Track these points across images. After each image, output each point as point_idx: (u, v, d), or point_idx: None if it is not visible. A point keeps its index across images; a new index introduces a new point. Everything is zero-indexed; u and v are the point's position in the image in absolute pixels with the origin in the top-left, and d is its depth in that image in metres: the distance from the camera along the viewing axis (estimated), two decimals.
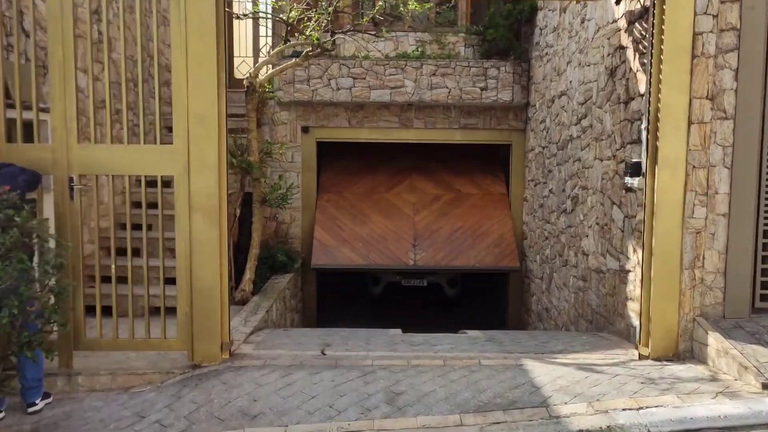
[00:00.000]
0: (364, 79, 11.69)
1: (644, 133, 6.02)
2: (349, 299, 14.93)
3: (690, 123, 5.63)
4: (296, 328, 8.34)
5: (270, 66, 9.58)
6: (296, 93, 11.65)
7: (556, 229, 9.84)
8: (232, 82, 14.67)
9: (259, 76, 8.89)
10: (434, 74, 11.72)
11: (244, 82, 8.59)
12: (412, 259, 11.57)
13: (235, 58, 15.23)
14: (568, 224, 9.12)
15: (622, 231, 6.99)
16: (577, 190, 8.73)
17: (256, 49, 13.13)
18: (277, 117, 11.96)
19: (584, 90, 8.42)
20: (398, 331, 7.70)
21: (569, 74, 9.14)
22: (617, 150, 7.17)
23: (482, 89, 11.76)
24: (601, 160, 7.74)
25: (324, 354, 6.08)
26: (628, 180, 6.27)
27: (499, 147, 12.80)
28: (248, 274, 8.68)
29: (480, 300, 15.17)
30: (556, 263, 9.81)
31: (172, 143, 5.71)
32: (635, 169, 6.16)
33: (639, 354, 5.81)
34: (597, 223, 7.85)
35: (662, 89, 5.61)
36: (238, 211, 8.79)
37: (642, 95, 6.46)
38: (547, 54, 10.50)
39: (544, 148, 10.68)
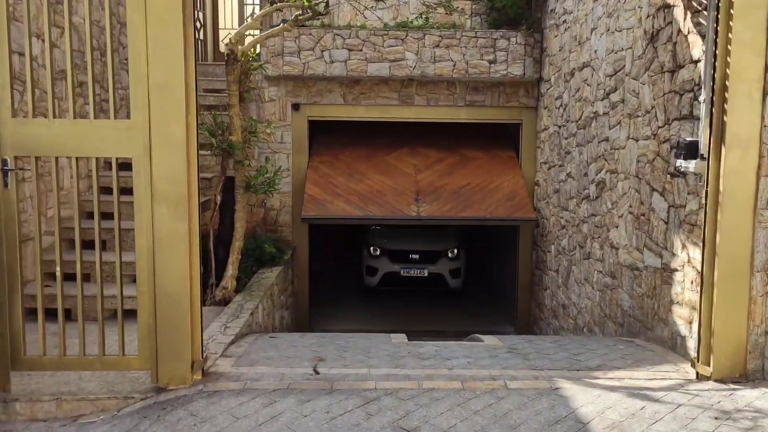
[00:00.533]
0: (361, 50, 10.59)
1: (703, 107, 4.98)
2: (345, 292, 13.92)
3: (766, 93, 4.59)
4: (285, 333, 7.34)
5: (255, 33, 8.47)
6: (286, 66, 10.54)
7: (575, 217, 8.82)
8: (217, 56, 13.54)
9: (243, 44, 7.77)
10: (438, 46, 10.63)
11: (223, 49, 7.48)
12: (415, 211, 10.52)
13: (220, 30, 14.10)
14: (592, 212, 8.10)
15: (666, 223, 5.96)
16: (603, 174, 7.69)
17: (242, 18, 11.99)
18: (265, 93, 10.86)
19: (614, 60, 7.36)
20: (402, 337, 6.69)
21: (594, 43, 8.07)
22: (659, 128, 6.13)
23: (490, 62, 10.68)
24: (637, 140, 6.71)
25: (317, 372, 5.05)
26: (680, 163, 5.24)
27: (508, 127, 11.74)
28: (230, 270, 7.64)
29: (485, 292, 14.18)
30: (575, 255, 8.80)
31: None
32: (690, 150, 5.12)
33: (697, 373, 4.81)
34: (630, 213, 6.83)
35: (732, 51, 4.56)
36: (218, 198, 7.72)
37: (696, 61, 5.41)
38: (565, 22, 9.41)
39: (560, 127, 9.63)
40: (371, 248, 13.36)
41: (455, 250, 13.36)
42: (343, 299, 13.41)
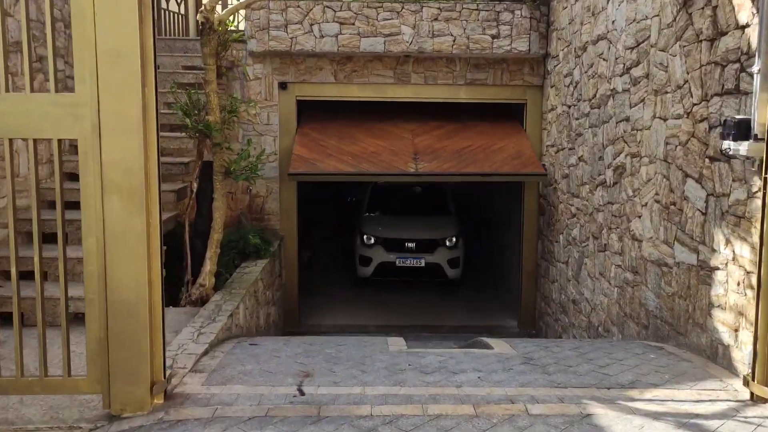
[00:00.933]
0: (353, 24, 9.75)
1: (757, 79, 4.21)
2: (337, 282, 13.15)
3: None
4: (269, 337, 6.57)
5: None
6: (272, 41, 9.69)
7: (588, 205, 8.06)
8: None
9: (219, 12, 6.90)
10: (436, 19, 9.80)
11: (198, 17, 6.64)
12: (414, 168, 9.67)
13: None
14: (609, 200, 7.34)
15: (704, 214, 5.20)
16: (622, 158, 6.92)
17: None
18: (249, 71, 10.01)
19: (636, 30, 6.57)
20: (400, 343, 5.93)
21: (611, 12, 7.27)
22: (695, 105, 5.35)
23: (493, 37, 9.86)
24: (665, 120, 5.93)
25: (302, 393, 4.29)
26: (728, 145, 4.47)
27: (512, 108, 10.93)
28: (208, 265, 6.85)
29: (485, 282, 13.43)
30: (588, 247, 8.05)
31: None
32: (741, 130, 4.36)
33: (752, 394, 4.07)
34: (657, 202, 6.07)
35: None
36: (195, 185, 6.92)
37: (744, 26, 4.62)
38: None
39: (570, 107, 8.83)
40: (364, 237, 12.59)
41: (454, 239, 12.60)
42: (335, 290, 12.65)
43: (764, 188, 3.97)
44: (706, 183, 5.16)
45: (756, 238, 4.36)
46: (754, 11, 4.50)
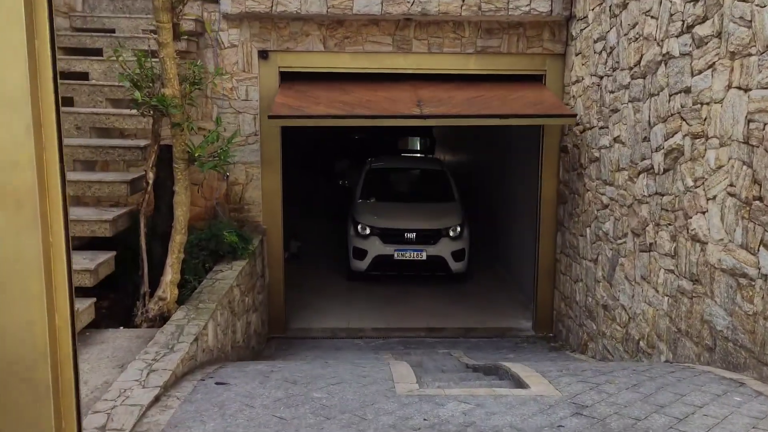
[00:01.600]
0: None
1: None
2: (328, 277, 11.86)
3: None
4: (243, 365, 5.26)
5: None
6: (249, 2, 8.28)
7: (627, 195, 6.77)
8: None
9: None
10: None
11: None
12: (418, 112, 8.18)
13: None
14: (657, 190, 6.05)
15: None
16: (679, 139, 5.63)
17: None
18: (224, 37, 8.62)
19: None
20: (410, 379, 4.66)
21: None
22: None
23: None
24: (746, 90, 4.63)
25: None
26: None
27: (528, 81, 9.60)
28: (169, 274, 5.54)
29: (494, 275, 12.17)
30: (626, 245, 6.78)
31: None
32: None
33: None
34: (732, 195, 4.79)
35: None
36: (151, 175, 5.58)
37: None
38: None
39: (602, 77, 7.51)
40: (359, 226, 11.30)
41: (458, 228, 11.33)
42: (327, 286, 11.36)
43: None
44: None
45: None
46: None
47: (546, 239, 9.31)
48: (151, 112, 5.41)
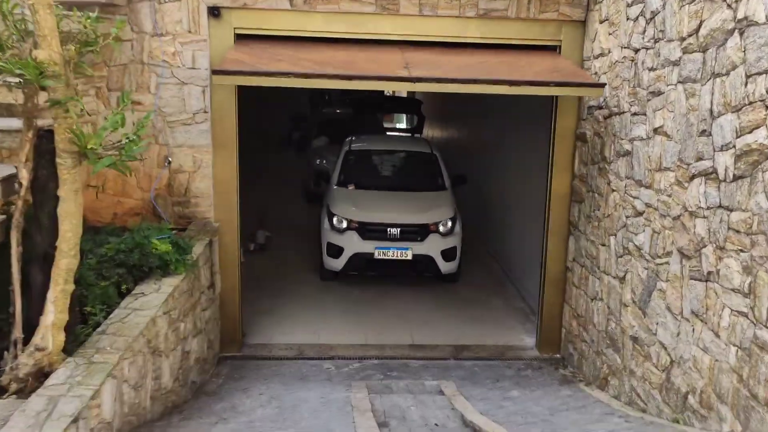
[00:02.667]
0: None
1: None
2: (297, 275, 10.31)
3: None
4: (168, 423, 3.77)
5: None
6: None
7: (672, 203, 5.24)
8: None
9: None
10: None
11: None
12: (406, 75, 6.44)
13: None
14: (723, 203, 4.53)
15: None
16: (763, 136, 4.09)
17: None
18: None
19: None
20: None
21: None
22: None
23: None
24: None
25: None
26: None
27: (540, 53, 7.99)
28: (51, 314, 3.97)
29: (487, 277, 10.65)
30: (670, 267, 5.26)
31: None
32: None
33: None
34: None
35: None
36: (25, 173, 3.96)
37: None
38: None
39: (639, 50, 5.92)
40: (334, 219, 9.73)
41: (449, 222, 9.80)
42: (295, 287, 9.81)
43: None
44: None
45: None
46: None
47: (555, 242, 7.79)
48: (22, 84, 3.79)
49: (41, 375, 3.91)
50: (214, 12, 6.94)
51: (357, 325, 8.65)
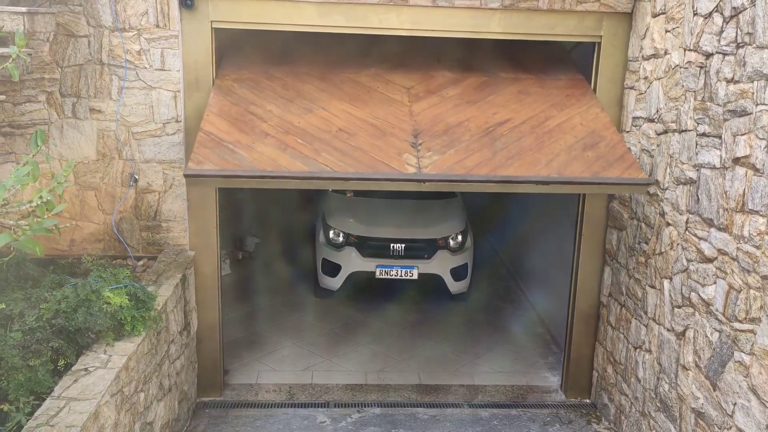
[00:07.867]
0: None
1: None
2: (287, 295, 9.22)
3: None
4: None
5: None
6: None
7: (758, 257, 4.12)
8: None
9: None
10: None
11: None
12: (414, 164, 5.29)
13: None
14: None
15: None
16: None
17: None
18: None
19: None
20: None
21: None
22: None
23: None
24: None
25: None
26: None
27: (574, 52, 6.82)
28: None
29: (504, 298, 9.54)
30: (756, 338, 4.17)
31: None
32: None
33: None
34: None
35: None
36: None
37: None
38: None
39: (711, 55, 4.77)
40: (331, 232, 8.63)
41: (460, 237, 8.70)
42: (286, 308, 8.73)
43: None
44: None
45: None
46: None
47: (587, 271, 6.70)
48: None
49: None
50: (187, 2, 5.74)
51: (355, 357, 7.59)
